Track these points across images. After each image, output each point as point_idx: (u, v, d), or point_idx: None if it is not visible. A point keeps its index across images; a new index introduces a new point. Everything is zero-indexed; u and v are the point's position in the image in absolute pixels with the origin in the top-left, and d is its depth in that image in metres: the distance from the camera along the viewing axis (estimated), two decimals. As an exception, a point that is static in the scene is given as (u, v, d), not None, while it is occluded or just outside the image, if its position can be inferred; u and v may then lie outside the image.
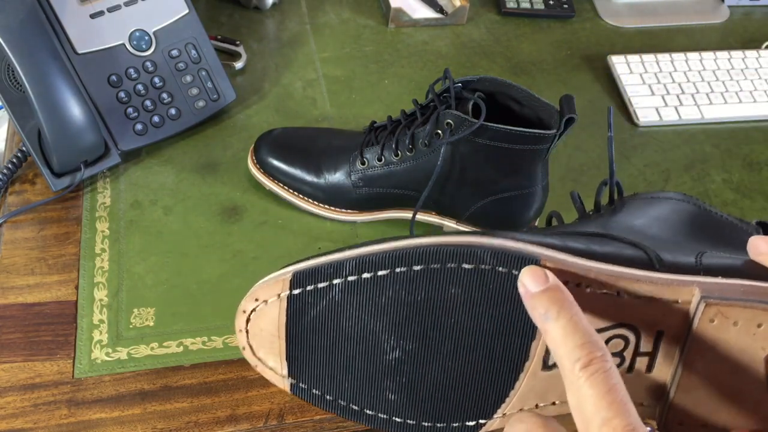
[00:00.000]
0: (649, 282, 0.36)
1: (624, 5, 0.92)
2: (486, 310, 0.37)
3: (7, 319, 0.55)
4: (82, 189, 0.64)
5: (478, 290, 0.36)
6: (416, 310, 0.38)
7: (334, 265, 0.38)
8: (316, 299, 0.39)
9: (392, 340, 0.39)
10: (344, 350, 0.40)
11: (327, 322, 0.40)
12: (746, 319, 0.35)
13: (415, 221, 0.60)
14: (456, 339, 0.38)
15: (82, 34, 0.63)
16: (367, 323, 0.39)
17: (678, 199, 0.45)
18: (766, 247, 0.36)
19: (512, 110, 0.58)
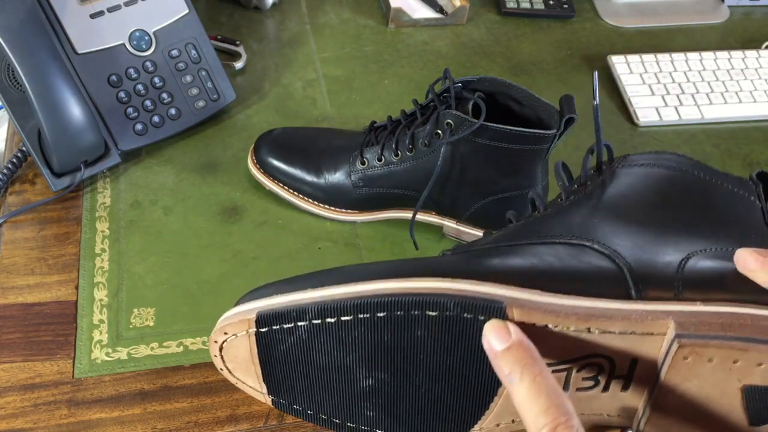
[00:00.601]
0: (621, 318, 0.35)
1: (624, 5, 0.92)
2: (456, 349, 0.37)
3: (7, 319, 0.55)
4: (82, 189, 0.64)
5: (446, 334, 0.36)
6: (385, 348, 0.37)
7: (297, 310, 0.37)
8: (284, 336, 0.39)
9: (364, 370, 0.39)
10: (319, 376, 0.40)
11: (298, 354, 0.39)
12: (722, 356, 0.34)
13: (415, 221, 0.60)
14: (428, 370, 0.38)
15: (82, 34, 0.63)
16: (337, 356, 0.39)
17: (670, 166, 0.42)
18: (754, 263, 0.36)
19: (512, 110, 0.58)
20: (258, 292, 0.41)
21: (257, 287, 0.42)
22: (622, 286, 0.36)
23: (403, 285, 0.36)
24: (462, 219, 0.62)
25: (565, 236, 0.39)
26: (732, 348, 0.34)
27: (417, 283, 0.36)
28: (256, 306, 0.39)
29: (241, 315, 0.39)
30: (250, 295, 0.41)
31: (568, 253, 0.38)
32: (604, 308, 0.35)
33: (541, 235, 0.40)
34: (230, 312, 0.41)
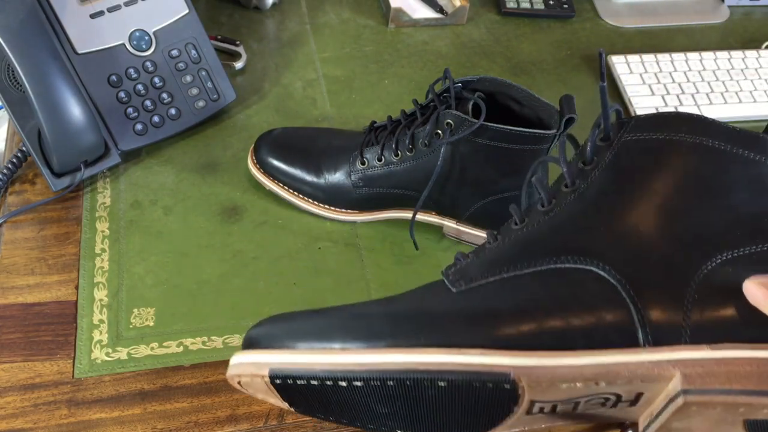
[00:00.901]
0: (629, 372, 0.35)
1: (624, 5, 0.92)
2: (467, 402, 0.38)
3: (7, 319, 0.55)
4: (82, 189, 0.64)
5: (456, 394, 0.37)
6: (398, 401, 0.39)
7: (308, 374, 0.38)
8: (300, 386, 0.39)
9: (381, 407, 0.40)
10: (338, 406, 0.41)
11: (315, 396, 0.40)
12: (727, 406, 0.35)
13: (415, 221, 0.60)
14: (441, 412, 0.39)
15: (82, 34, 0.63)
16: (354, 401, 0.40)
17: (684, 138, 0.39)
18: (763, 299, 0.35)
19: (512, 110, 0.58)
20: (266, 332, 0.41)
21: (263, 323, 0.42)
22: (630, 330, 0.36)
23: (411, 359, 0.37)
24: (462, 219, 0.62)
25: (569, 256, 0.38)
26: (736, 401, 0.34)
27: (424, 357, 0.37)
28: (266, 361, 0.39)
29: (252, 368, 0.39)
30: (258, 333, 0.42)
31: (571, 289, 0.37)
32: (612, 364, 0.35)
33: (543, 255, 0.39)
34: (242, 359, 0.40)
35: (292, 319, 0.42)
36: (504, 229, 0.43)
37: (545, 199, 0.41)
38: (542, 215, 0.41)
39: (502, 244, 0.41)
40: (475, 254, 0.42)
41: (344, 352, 0.38)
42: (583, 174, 0.41)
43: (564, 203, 0.41)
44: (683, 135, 0.39)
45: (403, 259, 0.62)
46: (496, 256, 0.41)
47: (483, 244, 0.43)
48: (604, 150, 0.41)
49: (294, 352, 0.39)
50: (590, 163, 0.41)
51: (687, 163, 0.39)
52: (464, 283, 0.40)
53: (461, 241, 0.64)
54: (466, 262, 0.42)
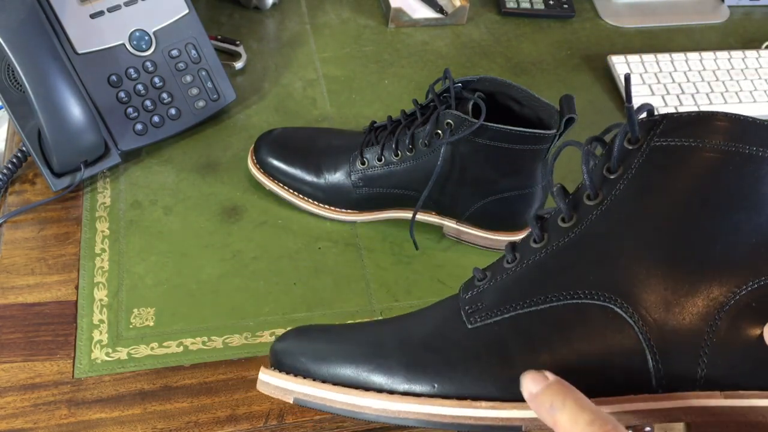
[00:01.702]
0: (640, 417, 0.35)
1: (624, 5, 0.92)
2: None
3: (7, 319, 0.55)
4: (82, 189, 0.64)
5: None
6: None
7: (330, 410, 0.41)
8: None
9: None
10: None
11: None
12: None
13: (415, 221, 0.60)
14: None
15: (82, 34, 0.63)
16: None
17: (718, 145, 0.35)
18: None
19: (512, 110, 0.58)
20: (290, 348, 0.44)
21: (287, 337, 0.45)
22: (644, 375, 0.35)
23: (427, 410, 0.38)
24: (462, 219, 0.62)
25: (587, 291, 0.37)
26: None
27: (440, 409, 0.38)
28: (292, 389, 0.42)
29: (279, 392, 0.42)
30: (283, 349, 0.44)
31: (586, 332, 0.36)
32: (623, 412, 0.35)
33: (560, 288, 0.37)
34: (270, 380, 0.43)
35: (314, 339, 0.44)
36: (522, 246, 0.41)
37: (566, 213, 0.39)
38: (563, 234, 0.39)
39: (519, 267, 0.40)
40: (493, 275, 0.41)
41: (364, 395, 0.39)
42: (607, 184, 0.38)
43: (587, 221, 0.38)
44: (718, 142, 0.35)
45: (403, 259, 0.62)
46: (513, 283, 0.40)
47: (501, 261, 0.42)
48: (632, 155, 0.37)
49: (318, 387, 0.41)
50: (616, 171, 0.38)
51: (719, 177, 0.35)
52: (479, 319, 0.39)
53: (461, 241, 0.64)
54: (482, 287, 0.41)
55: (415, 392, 0.38)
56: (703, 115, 0.36)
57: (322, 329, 0.45)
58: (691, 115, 0.36)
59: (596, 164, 0.39)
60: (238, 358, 0.54)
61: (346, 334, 0.43)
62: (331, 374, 0.41)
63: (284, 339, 0.45)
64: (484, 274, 0.41)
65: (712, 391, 0.35)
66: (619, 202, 0.37)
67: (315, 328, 0.46)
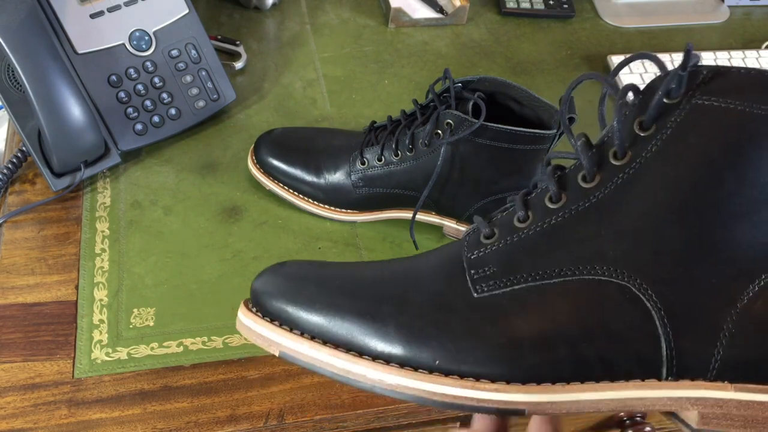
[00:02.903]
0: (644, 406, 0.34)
1: (624, 5, 0.92)
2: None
3: (7, 319, 0.55)
4: (82, 189, 0.64)
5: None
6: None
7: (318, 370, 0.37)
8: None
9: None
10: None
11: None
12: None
13: (415, 221, 0.60)
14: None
15: (82, 34, 0.63)
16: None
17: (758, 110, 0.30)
18: None
19: (512, 110, 0.58)
20: (272, 288, 0.39)
21: (269, 274, 0.40)
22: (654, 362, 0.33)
23: (426, 387, 0.35)
24: (462, 219, 0.62)
25: (605, 266, 0.33)
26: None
27: (440, 387, 0.35)
28: (278, 342, 0.38)
29: (263, 342, 0.38)
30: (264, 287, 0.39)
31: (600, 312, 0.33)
32: (629, 398, 0.34)
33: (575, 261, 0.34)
34: (253, 326, 0.39)
35: (303, 284, 0.39)
36: (536, 204, 0.37)
37: (588, 172, 0.34)
38: (583, 196, 0.34)
39: (531, 229, 0.36)
40: (501, 234, 0.37)
41: (358, 362, 0.36)
42: (638, 143, 0.33)
43: (611, 184, 0.34)
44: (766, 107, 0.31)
45: (403, 259, 0.62)
46: (524, 249, 0.36)
47: (510, 217, 0.37)
48: (670, 111, 0.32)
49: (308, 345, 0.37)
50: (649, 128, 0.33)
51: (763, 151, 0.31)
52: (486, 288, 0.36)
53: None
54: (489, 248, 0.37)
55: (414, 364, 0.35)
56: (757, 74, 0.31)
57: (310, 270, 0.40)
58: (741, 72, 0.31)
59: (626, 116, 0.34)
60: (238, 358, 0.54)
61: (339, 282, 0.39)
62: (321, 330, 0.37)
63: (267, 277, 0.40)
64: (492, 230, 0.37)
65: (723, 383, 0.33)
66: (648, 165, 0.33)
67: (302, 268, 0.40)
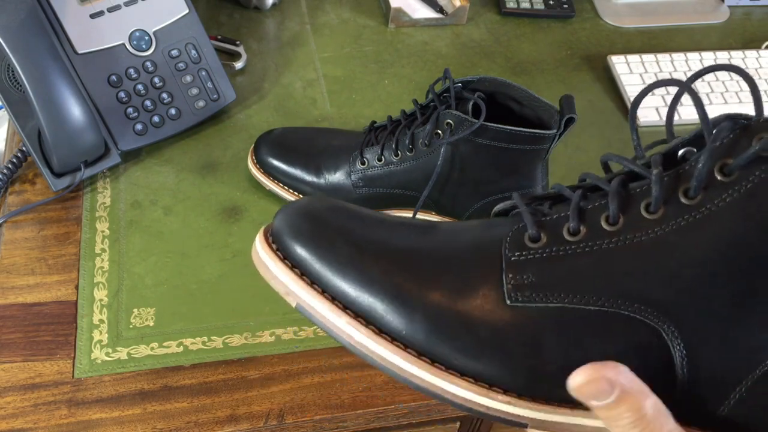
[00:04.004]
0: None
1: (624, 5, 0.92)
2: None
3: (7, 319, 0.55)
4: (82, 189, 0.64)
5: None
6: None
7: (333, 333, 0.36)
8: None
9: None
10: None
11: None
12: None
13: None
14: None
15: (82, 34, 0.63)
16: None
17: None
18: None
19: (512, 110, 0.58)
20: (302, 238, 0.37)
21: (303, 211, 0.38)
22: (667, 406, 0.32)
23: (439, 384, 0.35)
24: (462, 219, 0.62)
25: (644, 306, 0.32)
26: None
27: (453, 387, 0.35)
28: (297, 293, 0.36)
29: (278, 285, 0.37)
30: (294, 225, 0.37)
31: (627, 351, 0.33)
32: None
33: (617, 295, 0.33)
34: (269, 262, 0.37)
35: (332, 235, 0.37)
36: (591, 220, 0.35)
37: (654, 204, 0.33)
38: (641, 226, 0.33)
39: (582, 247, 0.35)
40: (549, 242, 0.35)
41: (377, 341, 0.35)
42: (715, 186, 0.32)
43: (673, 223, 0.32)
44: None
45: (403, 259, 0.62)
46: (570, 266, 0.35)
47: (561, 224, 0.36)
48: (758, 164, 0.31)
49: (329, 307, 0.36)
50: (731, 174, 0.32)
51: None
52: (521, 299, 0.34)
53: (461, 241, 0.64)
54: (533, 254, 0.35)
55: (431, 356, 0.34)
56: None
57: (345, 221, 0.38)
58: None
59: (712, 152, 0.32)
60: (238, 358, 0.54)
61: (374, 248, 0.37)
62: (345, 295, 0.36)
63: (294, 217, 0.38)
64: (539, 234, 0.35)
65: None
66: (718, 214, 0.31)
67: (335, 214, 0.38)
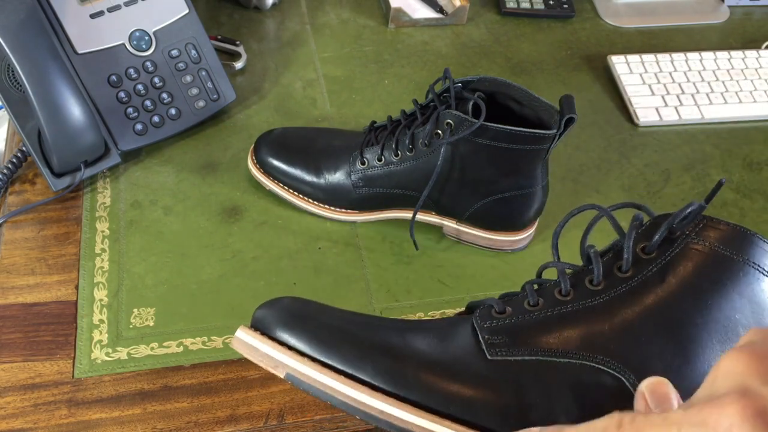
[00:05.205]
0: None
1: (624, 5, 0.92)
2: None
3: (7, 319, 0.55)
4: (82, 189, 0.64)
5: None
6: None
7: (320, 396, 0.39)
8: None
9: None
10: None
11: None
12: None
13: (415, 221, 0.60)
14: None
15: (82, 34, 0.63)
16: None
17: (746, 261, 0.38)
18: None
19: (512, 110, 0.58)
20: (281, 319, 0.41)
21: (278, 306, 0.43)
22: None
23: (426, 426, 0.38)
24: (462, 219, 0.62)
25: (607, 358, 0.38)
26: None
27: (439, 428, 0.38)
28: (285, 363, 0.40)
29: (265, 361, 0.40)
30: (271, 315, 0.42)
31: (597, 400, 0.37)
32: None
33: (581, 348, 0.38)
34: (252, 341, 0.41)
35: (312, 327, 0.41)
36: (546, 293, 0.41)
37: (596, 278, 0.40)
38: (589, 296, 0.40)
39: (542, 314, 0.41)
40: (514, 312, 0.41)
41: (372, 395, 0.38)
42: (641, 263, 0.40)
43: (614, 291, 0.40)
44: (751, 259, 0.38)
45: (403, 259, 0.62)
46: (536, 328, 0.40)
47: (522, 300, 0.42)
48: (669, 243, 0.40)
49: (319, 370, 0.39)
50: (651, 253, 0.40)
51: (740, 293, 0.38)
52: (500, 353, 0.40)
53: (461, 241, 0.64)
54: (502, 322, 0.41)
55: (427, 409, 0.38)
56: (745, 232, 0.38)
57: (319, 312, 0.43)
58: (733, 226, 0.39)
59: (635, 234, 0.40)
60: (238, 358, 0.54)
61: (352, 327, 0.42)
62: (332, 363, 0.40)
63: (271, 310, 0.43)
64: (504, 308, 0.42)
65: None
66: (647, 283, 0.39)
67: (311, 308, 0.43)
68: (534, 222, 0.63)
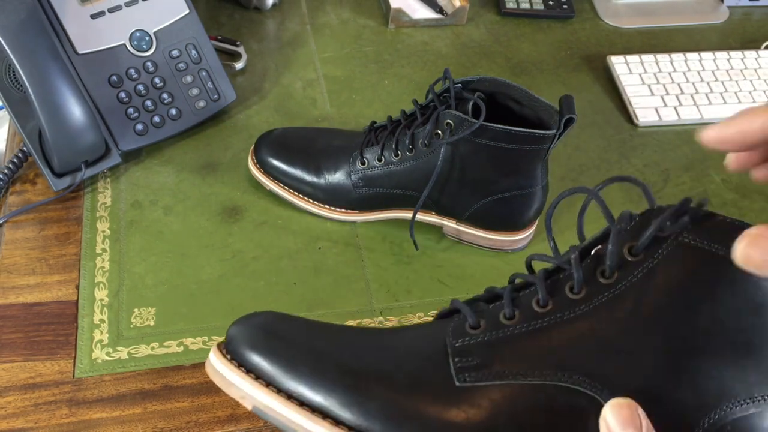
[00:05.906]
0: None
1: (624, 5, 0.93)
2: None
3: (7, 319, 0.55)
4: (83, 189, 0.64)
5: None
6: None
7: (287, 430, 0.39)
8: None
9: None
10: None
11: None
12: None
13: (415, 221, 0.60)
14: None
15: (83, 34, 0.63)
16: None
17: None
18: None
19: (512, 110, 0.58)
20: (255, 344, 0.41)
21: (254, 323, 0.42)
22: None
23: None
24: (462, 219, 0.62)
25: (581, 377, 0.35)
26: None
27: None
28: (253, 396, 0.39)
29: (233, 391, 0.40)
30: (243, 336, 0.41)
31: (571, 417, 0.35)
32: None
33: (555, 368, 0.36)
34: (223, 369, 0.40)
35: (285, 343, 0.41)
36: (524, 304, 0.39)
37: (577, 285, 0.37)
38: (569, 307, 0.37)
39: (518, 329, 0.38)
40: (488, 327, 0.39)
41: (333, 429, 0.37)
42: (626, 266, 0.36)
43: (596, 300, 0.36)
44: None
45: (403, 259, 0.62)
46: (509, 347, 0.38)
47: (498, 312, 0.40)
48: (659, 243, 0.36)
49: (286, 405, 0.38)
50: (638, 255, 0.36)
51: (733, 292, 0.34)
52: (469, 379, 0.38)
53: (461, 241, 0.64)
54: (475, 339, 0.39)
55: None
56: (742, 226, 0.34)
57: (294, 327, 0.42)
58: (729, 221, 0.34)
59: (622, 237, 0.37)
60: (239, 357, 0.54)
61: (323, 347, 0.41)
62: (299, 392, 0.38)
63: (246, 328, 0.42)
64: (478, 321, 0.40)
65: None
66: (632, 289, 0.36)
67: (285, 323, 0.42)
68: (534, 222, 0.63)
